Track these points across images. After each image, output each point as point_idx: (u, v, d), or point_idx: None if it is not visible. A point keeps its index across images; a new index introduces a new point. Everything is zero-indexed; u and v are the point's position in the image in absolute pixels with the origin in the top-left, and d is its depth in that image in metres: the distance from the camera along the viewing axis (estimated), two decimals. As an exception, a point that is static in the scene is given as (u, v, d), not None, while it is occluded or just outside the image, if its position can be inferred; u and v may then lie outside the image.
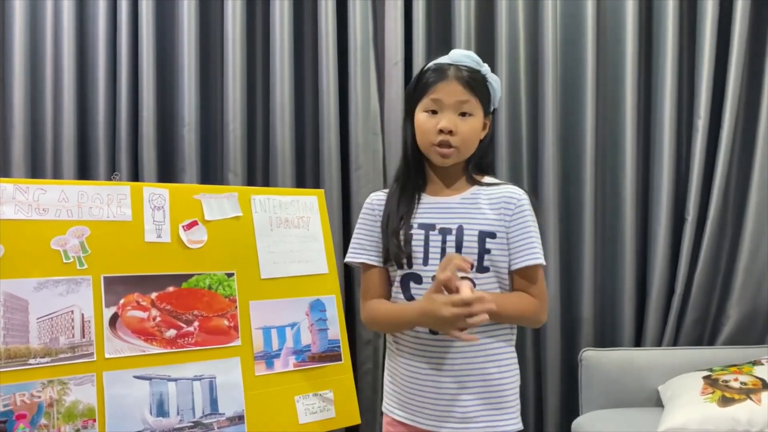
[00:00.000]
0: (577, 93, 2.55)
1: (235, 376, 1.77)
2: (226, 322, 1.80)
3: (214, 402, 1.73)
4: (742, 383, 2.10)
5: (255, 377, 1.80)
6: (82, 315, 1.61)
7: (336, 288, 2.02)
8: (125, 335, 1.65)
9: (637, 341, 2.57)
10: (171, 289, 1.75)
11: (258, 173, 2.63)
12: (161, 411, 1.65)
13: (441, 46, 2.56)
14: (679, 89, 2.51)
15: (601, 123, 2.56)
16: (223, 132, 2.53)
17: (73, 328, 1.59)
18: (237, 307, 1.82)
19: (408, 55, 2.54)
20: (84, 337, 1.60)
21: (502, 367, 1.46)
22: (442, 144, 1.45)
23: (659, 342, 2.53)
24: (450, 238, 1.45)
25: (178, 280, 1.77)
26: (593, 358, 2.41)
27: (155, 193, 1.79)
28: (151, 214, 1.76)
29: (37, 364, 1.54)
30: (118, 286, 1.67)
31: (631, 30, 2.50)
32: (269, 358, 1.84)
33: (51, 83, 2.42)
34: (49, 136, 2.41)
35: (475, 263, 1.43)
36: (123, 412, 1.60)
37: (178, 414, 1.67)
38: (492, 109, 1.54)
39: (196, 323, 1.76)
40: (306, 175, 2.65)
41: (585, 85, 2.52)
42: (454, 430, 1.44)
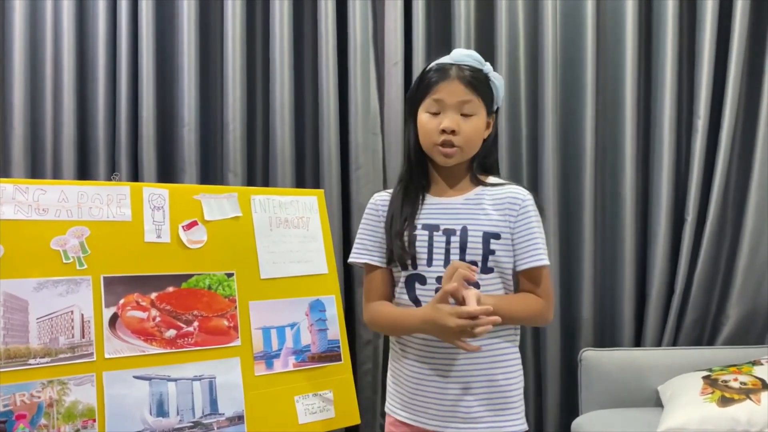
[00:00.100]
0: (577, 93, 2.55)
1: (234, 376, 1.77)
2: (226, 323, 1.80)
3: (213, 402, 1.73)
4: (741, 383, 2.10)
5: (255, 377, 1.80)
6: (82, 315, 1.61)
7: (336, 288, 2.02)
8: (125, 335, 1.65)
9: (637, 341, 2.57)
10: (171, 289, 1.75)
11: (258, 173, 2.63)
12: (161, 411, 1.65)
13: (441, 46, 2.56)
14: (678, 89, 2.51)
15: (601, 123, 2.56)
16: (222, 132, 2.53)
17: (72, 328, 1.59)
18: (237, 307, 1.82)
19: (408, 55, 2.54)
20: (84, 337, 1.60)
21: (508, 370, 1.46)
22: (444, 144, 1.44)
23: (659, 342, 2.53)
24: (454, 239, 1.44)
25: (178, 280, 1.77)
26: (593, 358, 2.41)
27: (155, 193, 1.79)
28: (151, 215, 1.77)
29: (37, 364, 1.54)
30: (117, 287, 1.67)
31: (630, 30, 2.50)
32: (269, 359, 1.84)
33: (51, 83, 2.42)
34: (49, 136, 2.41)
35: (479, 266, 1.43)
36: (123, 412, 1.60)
37: (177, 414, 1.67)
38: (496, 108, 1.54)
39: (196, 323, 1.76)
40: (306, 176, 2.65)
41: (585, 85, 2.52)
42: (459, 430, 1.43)
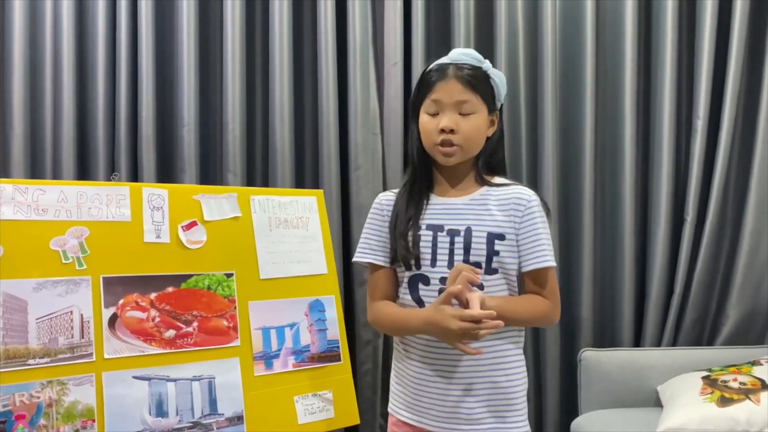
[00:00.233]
0: (577, 92, 2.55)
1: (234, 376, 1.77)
2: (225, 323, 1.80)
3: (213, 402, 1.73)
4: (741, 383, 2.10)
5: (254, 377, 1.80)
6: (81, 315, 1.61)
7: (335, 288, 2.02)
8: (124, 336, 1.65)
9: (637, 341, 2.57)
10: (170, 289, 1.75)
11: (257, 173, 2.63)
12: (160, 411, 1.65)
13: (440, 46, 2.56)
14: (678, 89, 2.51)
15: (601, 123, 2.56)
16: (222, 132, 2.53)
17: (72, 328, 1.59)
18: (236, 307, 1.82)
19: (407, 55, 2.54)
20: (83, 337, 1.60)
21: (510, 372, 1.45)
22: (444, 143, 1.44)
23: (658, 342, 2.53)
24: (458, 240, 1.44)
25: (177, 280, 1.77)
26: (593, 358, 2.41)
27: (154, 193, 1.79)
28: (150, 215, 1.76)
29: (36, 364, 1.54)
30: (117, 287, 1.67)
31: (630, 30, 2.50)
32: (268, 359, 1.84)
33: (51, 83, 2.42)
34: (49, 136, 2.41)
35: (483, 267, 1.42)
36: (122, 413, 1.60)
37: (177, 414, 1.67)
38: (499, 106, 1.53)
39: (195, 324, 1.76)
40: (305, 176, 2.65)
41: (584, 85, 2.52)
42: (461, 431, 1.43)
